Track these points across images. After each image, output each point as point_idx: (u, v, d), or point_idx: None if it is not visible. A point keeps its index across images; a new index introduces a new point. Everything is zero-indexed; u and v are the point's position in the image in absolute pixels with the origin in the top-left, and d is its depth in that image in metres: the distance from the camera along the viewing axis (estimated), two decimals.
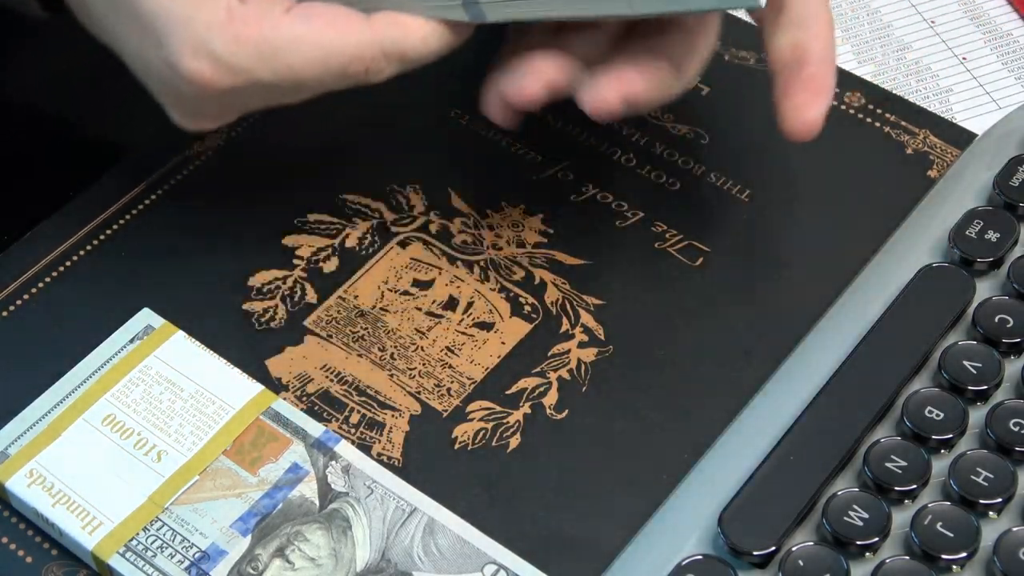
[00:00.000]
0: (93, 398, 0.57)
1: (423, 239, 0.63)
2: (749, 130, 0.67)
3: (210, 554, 0.53)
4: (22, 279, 0.62)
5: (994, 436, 0.55)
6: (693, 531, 0.54)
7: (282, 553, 0.53)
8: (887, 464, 0.54)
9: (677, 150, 0.66)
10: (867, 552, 0.53)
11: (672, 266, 0.62)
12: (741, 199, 0.64)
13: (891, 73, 0.70)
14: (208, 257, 0.62)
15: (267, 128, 0.66)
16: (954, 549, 0.52)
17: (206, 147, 0.66)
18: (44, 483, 0.55)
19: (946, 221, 0.61)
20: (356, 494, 0.54)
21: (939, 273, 0.59)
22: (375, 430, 0.58)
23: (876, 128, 0.66)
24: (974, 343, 0.57)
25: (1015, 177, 0.62)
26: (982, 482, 0.54)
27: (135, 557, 0.53)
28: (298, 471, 0.55)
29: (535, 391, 0.59)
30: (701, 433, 0.57)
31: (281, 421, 0.56)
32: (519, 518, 0.55)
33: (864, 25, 0.72)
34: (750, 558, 0.53)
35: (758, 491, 0.54)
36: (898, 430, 0.56)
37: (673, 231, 0.63)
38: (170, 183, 0.65)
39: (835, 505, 0.53)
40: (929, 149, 0.66)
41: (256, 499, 0.54)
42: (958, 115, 0.68)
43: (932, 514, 0.53)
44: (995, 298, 0.58)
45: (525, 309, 0.61)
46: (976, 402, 0.56)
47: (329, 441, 0.55)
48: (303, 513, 0.54)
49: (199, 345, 0.58)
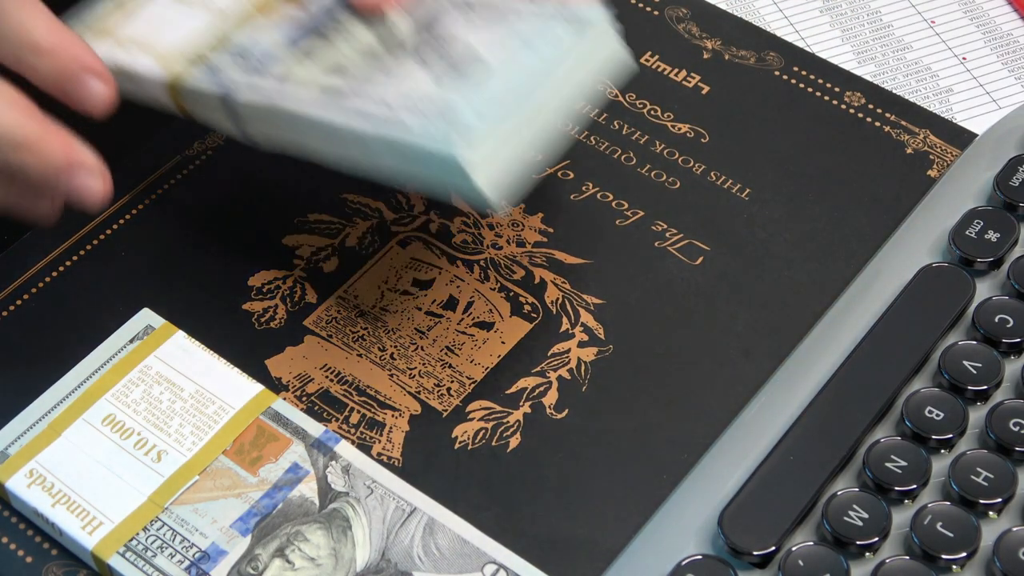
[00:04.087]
0: (93, 398, 0.57)
1: (423, 238, 0.63)
2: (749, 130, 0.67)
3: (210, 554, 0.53)
4: (22, 279, 0.62)
5: (994, 436, 0.55)
6: (693, 531, 0.54)
7: (282, 553, 0.53)
8: (887, 464, 0.54)
9: (677, 149, 0.66)
10: (867, 552, 0.53)
11: (672, 265, 0.62)
12: (741, 198, 0.64)
13: (891, 73, 0.70)
14: (208, 257, 0.62)
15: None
16: (954, 549, 0.52)
17: (206, 147, 0.66)
18: (44, 483, 0.55)
19: (946, 221, 0.61)
20: (356, 494, 0.54)
21: (939, 273, 0.59)
22: (375, 430, 0.58)
23: (876, 128, 0.66)
24: (974, 343, 0.57)
25: (1015, 177, 0.62)
26: (982, 482, 0.54)
27: (135, 557, 0.53)
28: (298, 471, 0.55)
29: (535, 391, 0.59)
30: (701, 433, 0.57)
31: (281, 421, 0.56)
32: (519, 518, 0.55)
33: (864, 25, 0.72)
34: (750, 558, 0.53)
35: (758, 491, 0.54)
36: (898, 430, 0.56)
37: (673, 230, 0.63)
38: (170, 183, 0.65)
39: (835, 505, 0.53)
40: (929, 149, 0.66)
41: (256, 499, 0.54)
42: (958, 115, 0.68)
43: (932, 514, 0.53)
44: (995, 298, 0.58)
45: (525, 308, 0.61)
46: (976, 402, 0.56)
47: (329, 441, 0.55)
48: (303, 513, 0.54)
49: (199, 345, 0.58)
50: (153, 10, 0.59)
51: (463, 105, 0.52)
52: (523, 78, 0.53)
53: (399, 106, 0.52)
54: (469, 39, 0.54)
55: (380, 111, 0.52)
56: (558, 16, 0.54)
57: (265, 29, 0.57)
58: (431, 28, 0.55)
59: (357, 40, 0.55)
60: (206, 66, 0.56)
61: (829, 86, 0.68)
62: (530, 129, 0.53)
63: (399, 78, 0.53)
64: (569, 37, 0.54)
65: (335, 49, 0.55)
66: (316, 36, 0.56)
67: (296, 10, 0.57)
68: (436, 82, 0.53)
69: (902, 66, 0.71)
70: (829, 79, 0.68)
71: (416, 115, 0.52)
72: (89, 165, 0.53)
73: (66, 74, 0.53)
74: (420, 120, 0.52)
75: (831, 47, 0.71)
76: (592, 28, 0.54)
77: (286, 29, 0.56)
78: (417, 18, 0.55)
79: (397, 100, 0.53)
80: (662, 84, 0.68)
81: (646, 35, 0.68)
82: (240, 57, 0.55)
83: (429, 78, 0.53)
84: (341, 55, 0.55)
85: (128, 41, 0.57)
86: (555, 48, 0.54)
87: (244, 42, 0.56)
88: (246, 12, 0.58)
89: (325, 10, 0.57)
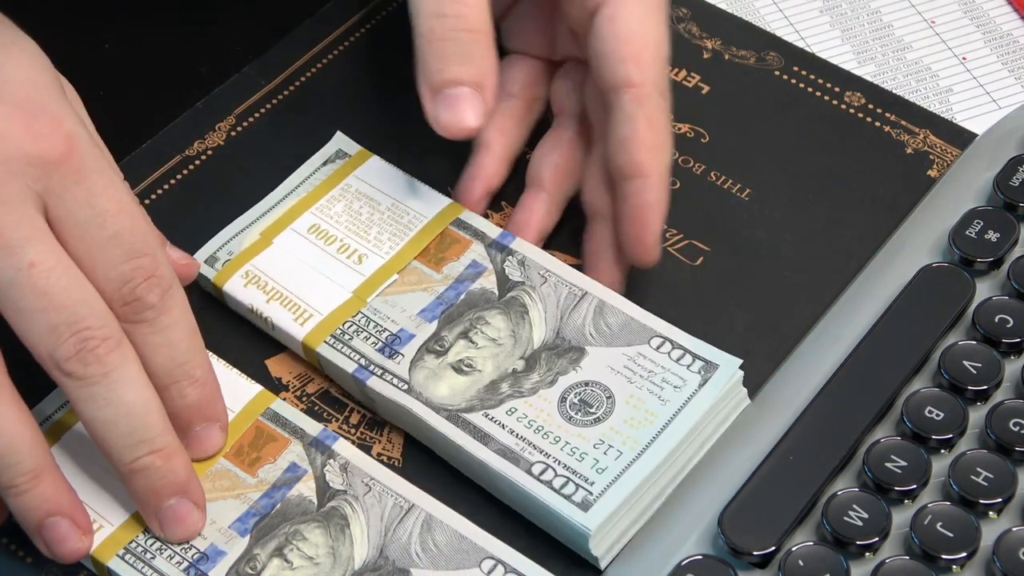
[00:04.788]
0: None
1: None
2: (749, 129, 0.67)
3: (208, 555, 0.53)
4: None
5: (994, 436, 0.55)
6: (693, 531, 0.54)
7: (280, 553, 0.53)
8: (887, 464, 0.54)
9: (677, 149, 0.66)
10: (867, 552, 0.53)
11: (672, 266, 0.62)
12: (741, 198, 0.64)
13: (891, 73, 0.70)
14: None
15: (268, 127, 0.66)
16: (954, 549, 0.52)
17: (206, 147, 0.66)
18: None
19: (946, 221, 0.61)
20: (354, 492, 0.54)
21: (939, 273, 0.59)
22: (375, 430, 0.58)
23: (876, 128, 0.66)
24: (974, 343, 0.57)
25: (1015, 177, 0.62)
26: (982, 482, 0.54)
27: (134, 559, 0.53)
28: (296, 470, 0.55)
29: None
30: None
31: (280, 422, 0.56)
32: (519, 516, 0.55)
33: (864, 25, 0.72)
34: (750, 558, 0.53)
35: (758, 491, 0.54)
36: (898, 430, 0.56)
37: (673, 230, 0.63)
38: (170, 183, 0.65)
39: (835, 505, 0.53)
40: (929, 149, 0.66)
41: (255, 499, 0.54)
42: (958, 115, 0.68)
43: (932, 514, 0.53)
44: (995, 298, 0.58)
45: None
46: (976, 402, 0.56)
47: (327, 440, 0.55)
48: (301, 512, 0.54)
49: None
50: (296, 252, 0.60)
51: (597, 480, 0.53)
52: (655, 450, 0.54)
53: (531, 453, 0.54)
54: (601, 378, 0.56)
55: (512, 450, 0.54)
56: (689, 358, 0.56)
57: (404, 299, 0.58)
58: (561, 350, 0.57)
59: (488, 336, 0.57)
60: (342, 341, 0.58)
61: (829, 86, 0.68)
62: (653, 491, 0.54)
63: (532, 408, 0.55)
64: (697, 383, 0.56)
65: (468, 343, 0.57)
66: (448, 320, 0.58)
67: (436, 275, 0.59)
68: (570, 433, 0.54)
69: (902, 66, 0.71)
70: (829, 79, 0.68)
71: (548, 472, 0.54)
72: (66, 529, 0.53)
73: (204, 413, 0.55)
74: (552, 477, 0.53)
75: (831, 47, 0.71)
76: (721, 374, 0.56)
77: (424, 301, 0.58)
78: (551, 329, 0.57)
79: (529, 440, 0.54)
80: None
81: None
82: (375, 338, 0.57)
83: (563, 420, 0.55)
84: (473, 350, 0.57)
85: (271, 289, 0.59)
86: (683, 395, 0.55)
87: (382, 314, 0.58)
88: (388, 270, 0.59)
89: (464, 289, 0.59)
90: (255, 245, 0.61)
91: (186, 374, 0.53)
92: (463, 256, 0.60)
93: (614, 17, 0.58)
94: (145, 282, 0.52)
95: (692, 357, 0.56)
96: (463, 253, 0.60)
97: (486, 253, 0.60)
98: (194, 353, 0.53)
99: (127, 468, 0.52)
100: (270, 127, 0.66)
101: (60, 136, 0.51)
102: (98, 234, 0.51)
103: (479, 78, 0.57)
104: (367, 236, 0.61)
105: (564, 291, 0.58)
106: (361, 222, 0.61)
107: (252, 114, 0.67)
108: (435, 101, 0.58)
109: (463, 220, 0.61)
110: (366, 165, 0.63)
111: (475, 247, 0.60)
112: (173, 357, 0.53)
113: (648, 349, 0.56)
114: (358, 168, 0.63)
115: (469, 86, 0.57)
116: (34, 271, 0.50)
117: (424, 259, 0.60)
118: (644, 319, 0.57)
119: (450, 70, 0.57)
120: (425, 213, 0.61)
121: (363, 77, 0.68)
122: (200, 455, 0.55)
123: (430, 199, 0.62)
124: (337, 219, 0.61)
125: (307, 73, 0.68)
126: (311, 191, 0.62)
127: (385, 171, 0.63)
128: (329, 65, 0.69)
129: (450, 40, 0.57)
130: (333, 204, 0.62)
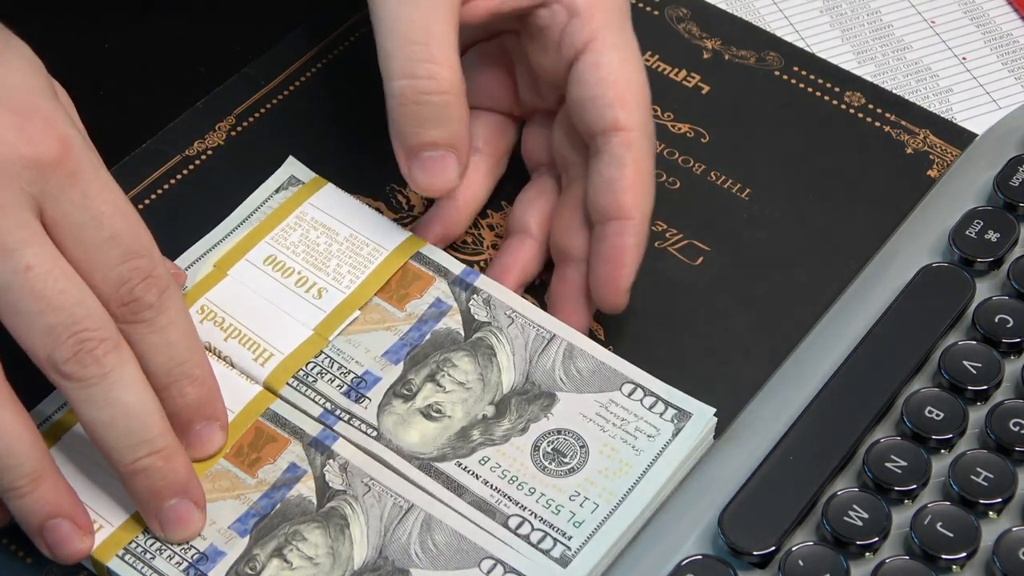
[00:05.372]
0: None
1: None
2: (749, 129, 0.67)
3: (208, 555, 0.53)
4: None
5: (994, 436, 0.55)
6: (693, 531, 0.54)
7: (280, 553, 0.53)
8: (887, 464, 0.54)
9: (677, 149, 0.66)
10: (867, 552, 0.53)
11: (672, 265, 0.62)
12: (741, 198, 0.64)
13: (891, 73, 0.70)
14: None
15: (267, 128, 0.66)
16: (954, 549, 0.52)
17: (206, 147, 0.66)
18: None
19: (946, 221, 0.61)
20: (354, 492, 0.54)
21: (939, 273, 0.59)
22: None
23: (876, 128, 0.66)
24: (974, 343, 0.57)
25: (1015, 177, 0.62)
26: (982, 482, 0.54)
27: (134, 559, 0.53)
28: (296, 471, 0.55)
29: None
30: None
31: (279, 422, 0.56)
32: None
33: (864, 25, 0.72)
34: (750, 558, 0.53)
35: (758, 491, 0.54)
36: (898, 430, 0.56)
37: (673, 230, 0.63)
38: (170, 182, 0.65)
39: (835, 505, 0.53)
40: (929, 149, 0.66)
41: (254, 500, 0.54)
42: (958, 115, 0.68)
43: (932, 514, 0.53)
44: (995, 298, 0.58)
45: None
46: (976, 402, 0.56)
47: (327, 440, 0.55)
48: (301, 512, 0.54)
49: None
50: (252, 285, 0.59)
51: (575, 535, 0.53)
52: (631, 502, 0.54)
53: (507, 505, 0.54)
54: (574, 426, 0.55)
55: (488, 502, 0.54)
56: (662, 406, 0.56)
57: (367, 338, 0.57)
58: (531, 396, 0.56)
59: (455, 380, 0.56)
60: (306, 384, 0.57)
61: (829, 86, 0.68)
62: (629, 533, 0.54)
63: (505, 457, 0.55)
64: (671, 432, 0.55)
65: (436, 387, 0.56)
66: (415, 363, 0.57)
67: (399, 314, 0.58)
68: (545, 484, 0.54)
69: (902, 66, 0.71)
70: (829, 79, 0.68)
71: (525, 526, 0.53)
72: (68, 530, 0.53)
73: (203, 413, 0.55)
74: (529, 531, 0.53)
75: (831, 47, 0.71)
76: (695, 423, 0.55)
77: (388, 342, 0.57)
78: (520, 373, 0.57)
79: (504, 492, 0.54)
80: (662, 84, 0.68)
81: (646, 35, 0.68)
82: (339, 380, 0.57)
83: (537, 471, 0.54)
84: (441, 395, 0.56)
85: (228, 326, 0.58)
86: (657, 445, 0.55)
87: (345, 355, 0.57)
88: (349, 306, 0.58)
89: (428, 329, 0.58)
90: (209, 277, 0.59)
91: (185, 373, 0.53)
92: (426, 293, 0.58)
93: (597, 63, 0.58)
94: (143, 282, 0.52)
95: (664, 405, 0.55)
96: (426, 290, 0.58)
97: (449, 291, 0.58)
98: (192, 352, 0.53)
99: (127, 469, 0.52)
100: (270, 127, 0.66)
101: (54, 139, 0.51)
102: (95, 236, 0.51)
103: (454, 139, 0.57)
104: (326, 268, 0.59)
105: (532, 333, 0.57)
106: (319, 253, 0.59)
107: (252, 114, 0.67)
108: (411, 163, 0.58)
109: (424, 255, 0.59)
110: (321, 193, 0.61)
111: (438, 284, 0.59)
112: (172, 356, 0.53)
113: (620, 396, 0.56)
114: (313, 195, 0.61)
115: (444, 148, 0.57)
116: (31, 274, 0.50)
117: (385, 296, 0.58)
118: (615, 364, 0.56)
119: (425, 133, 0.57)
120: (385, 245, 0.59)
121: (363, 77, 0.68)
122: (201, 454, 0.55)
123: (389, 231, 0.60)
124: (294, 249, 0.60)
125: (307, 73, 0.68)
126: (264, 220, 0.61)
127: (342, 200, 0.61)
128: (329, 65, 0.69)
129: (423, 104, 0.56)
130: (289, 233, 0.60)
